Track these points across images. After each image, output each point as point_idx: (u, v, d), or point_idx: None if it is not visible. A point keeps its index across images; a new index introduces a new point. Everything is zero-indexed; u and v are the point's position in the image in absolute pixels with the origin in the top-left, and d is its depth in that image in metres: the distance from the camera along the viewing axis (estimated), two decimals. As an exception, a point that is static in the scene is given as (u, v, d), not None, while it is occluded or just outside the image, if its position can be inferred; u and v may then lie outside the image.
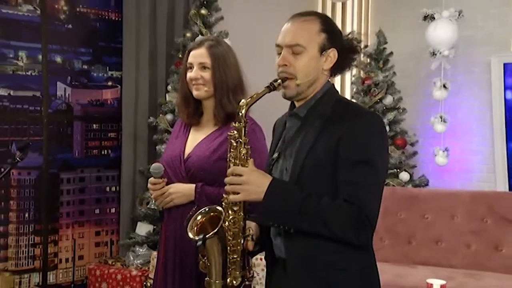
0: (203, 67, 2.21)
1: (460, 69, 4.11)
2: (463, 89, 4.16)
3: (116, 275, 3.85)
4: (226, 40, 3.47)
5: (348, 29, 4.96)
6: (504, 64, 3.80)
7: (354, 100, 4.30)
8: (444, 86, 3.94)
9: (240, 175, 1.58)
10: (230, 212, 1.67)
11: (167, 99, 4.06)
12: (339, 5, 4.99)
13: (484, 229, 3.51)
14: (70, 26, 4.05)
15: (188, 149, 2.25)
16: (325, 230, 1.52)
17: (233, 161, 1.64)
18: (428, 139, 4.25)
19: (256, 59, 4.25)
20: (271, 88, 1.63)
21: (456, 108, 4.15)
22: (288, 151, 1.68)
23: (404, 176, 4.08)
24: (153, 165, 2.25)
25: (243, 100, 1.65)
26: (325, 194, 1.54)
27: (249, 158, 1.64)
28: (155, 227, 3.92)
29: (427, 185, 4.12)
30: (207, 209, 1.75)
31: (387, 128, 4.06)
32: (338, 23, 5.00)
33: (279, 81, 1.64)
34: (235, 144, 1.65)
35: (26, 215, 3.89)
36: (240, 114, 1.64)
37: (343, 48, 1.68)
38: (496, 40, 3.98)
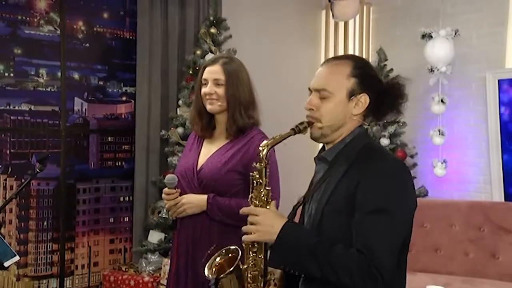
0: (217, 83, 2.22)
1: (456, 84, 4.10)
2: (460, 104, 4.15)
3: (129, 281, 3.84)
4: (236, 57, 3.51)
5: (350, 47, 4.97)
6: (499, 80, 3.80)
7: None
8: (442, 101, 3.94)
9: (256, 215, 1.53)
10: (250, 253, 1.61)
11: (178, 113, 4.07)
12: (341, 24, 4.99)
13: (481, 237, 3.49)
14: (87, 44, 4.10)
15: (201, 161, 2.26)
16: (334, 277, 1.42)
17: (254, 202, 1.58)
18: (427, 151, 4.23)
19: (263, 76, 4.28)
20: (296, 131, 1.57)
21: (454, 122, 4.14)
22: (314, 196, 1.60)
23: (404, 187, 4.06)
24: (167, 176, 2.27)
25: (264, 142, 1.58)
26: (344, 241, 1.45)
27: (270, 200, 1.58)
28: (166, 235, 3.92)
29: (426, 195, 4.11)
30: (225, 251, 1.69)
31: (387, 141, 4.03)
32: (341, 41, 5.01)
33: (304, 124, 1.58)
34: (256, 184, 1.57)
35: (45, 223, 3.90)
36: (261, 155, 1.56)
37: (380, 93, 1.57)
38: (491, 57, 3.98)
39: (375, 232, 1.42)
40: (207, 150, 2.29)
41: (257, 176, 1.58)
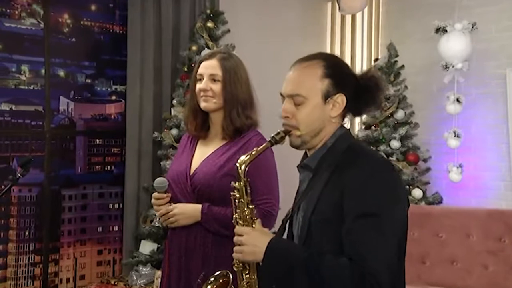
0: (213, 79, 2.21)
1: (473, 82, 4.08)
2: (478, 103, 4.12)
3: (118, 296, 3.83)
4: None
5: (358, 43, 4.97)
6: (520, 77, 3.78)
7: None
8: (457, 100, 3.90)
9: (240, 235, 1.56)
10: (243, 276, 1.63)
11: (172, 113, 4.07)
12: (348, 18, 4.98)
13: (501, 249, 3.45)
14: (73, 39, 4.11)
15: (195, 165, 2.24)
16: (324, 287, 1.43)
17: (239, 222, 1.61)
18: (441, 155, 4.20)
19: (263, 74, 4.25)
20: (273, 142, 1.59)
21: (470, 123, 4.11)
22: (302, 206, 1.61)
23: (417, 193, 4.04)
24: (157, 179, 2.25)
25: (242, 158, 1.61)
26: (335, 251, 1.47)
27: (255, 218, 1.60)
28: (159, 245, 3.91)
29: (440, 202, 4.08)
30: (214, 278, 1.71)
31: (398, 143, 4.04)
32: (348, 36, 5.01)
33: (281, 134, 1.59)
34: (238, 204, 1.60)
35: (26, 233, 3.89)
36: (239, 172, 1.58)
37: (357, 90, 1.59)
38: (511, 53, 3.96)
39: (365, 238, 1.43)
40: (201, 153, 2.27)
41: (238, 195, 1.60)
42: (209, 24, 4.09)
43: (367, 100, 1.61)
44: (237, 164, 1.60)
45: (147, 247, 3.93)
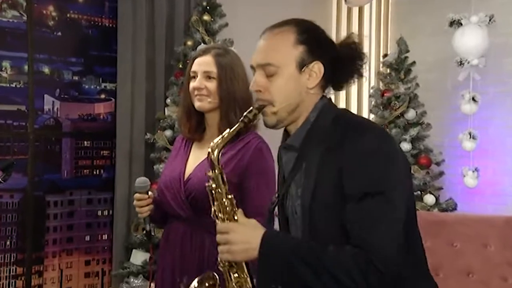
0: (208, 76, 2.22)
1: (491, 80, 4.05)
2: (495, 102, 4.10)
3: (108, 310, 3.83)
4: (231, 49, 3.48)
5: (366, 37, 4.99)
6: (542, 75, 3.77)
7: (370, 114, 4.26)
8: (473, 99, 3.86)
9: (226, 233, 1.50)
10: (232, 276, 1.57)
11: (166, 113, 4.06)
12: (355, 10, 4.98)
13: (521, 259, 3.43)
14: (59, 33, 4.10)
15: (189, 169, 2.25)
16: (336, 285, 1.41)
17: (219, 216, 1.55)
18: (455, 158, 4.18)
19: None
20: (246, 121, 1.55)
21: (487, 124, 4.09)
22: (293, 191, 1.57)
23: (429, 199, 4.03)
24: (138, 178, 2.27)
25: (212, 143, 1.57)
26: (339, 238, 1.44)
27: (236, 209, 1.55)
28: (152, 255, 3.89)
29: (455, 209, 4.07)
30: (199, 281, 1.69)
31: (409, 145, 4.03)
32: (355, 30, 4.99)
33: (254, 111, 1.54)
34: (215, 195, 1.56)
35: (8, 242, 3.88)
36: (212, 159, 1.55)
37: (336, 57, 1.55)
38: (532, 48, 3.95)
39: (368, 221, 1.41)
40: (196, 156, 2.28)
41: (214, 185, 1.55)
42: (206, 17, 4.08)
43: (348, 69, 1.58)
44: (209, 149, 1.55)
45: (138, 257, 3.91)
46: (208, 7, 4.11)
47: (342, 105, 5.12)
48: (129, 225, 4.09)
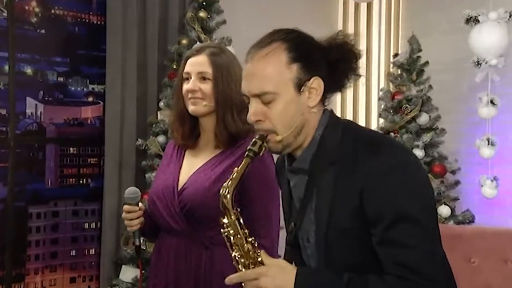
0: (202, 77, 2.22)
1: (511, 81, 4.05)
2: (515, 106, 4.11)
3: (95, 331, 3.82)
4: (229, 48, 3.47)
5: (375, 35, 4.99)
6: None
7: (379, 119, 4.24)
8: (491, 102, 3.86)
9: (256, 279, 1.47)
10: None
11: (159, 118, 4.06)
12: (363, 6, 4.99)
13: (545, 276, 3.41)
14: (43, 31, 4.10)
15: (183, 179, 2.25)
16: None
17: (242, 262, 1.53)
18: (472, 166, 4.17)
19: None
20: (251, 156, 1.53)
21: (507, 129, 4.08)
22: (306, 217, 1.57)
23: (444, 210, 4.02)
24: (128, 189, 2.27)
25: (224, 186, 1.54)
26: (361, 264, 1.45)
27: (258, 252, 1.53)
28: (143, 271, 3.87)
29: (472, 221, 4.05)
30: None
31: (422, 152, 4.02)
32: (363, 28, 5.01)
33: (259, 143, 1.53)
34: (234, 241, 1.54)
35: None
36: (226, 205, 1.52)
37: (331, 65, 1.54)
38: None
39: (409, 247, 1.40)
40: (190, 164, 2.29)
41: (231, 231, 1.54)
42: (202, 14, 4.07)
43: (345, 72, 1.57)
44: (221, 195, 1.53)
45: (128, 273, 3.90)
46: (204, 3, 4.10)
47: (349, 109, 5.13)
48: (118, 238, 4.08)
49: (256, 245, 1.54)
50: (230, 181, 1.53)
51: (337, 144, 1.53)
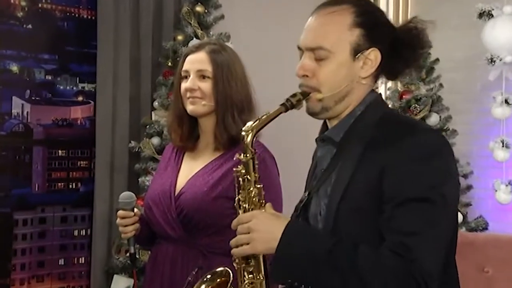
0: (202, 75, 2.24)
1: (527, 79, 4.07)
2: (531, 106, 4.10)
3: None
4: (228, 45, 3.50)
5: None
6: None
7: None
8: (506, 102, 3.89)
9: (248, 221, 1.53)
10: (246, 275, 1.61)
11: (153, 118, 4.06)
12: None
13: None
14: (29, 26, 4.07)
15: (181, 183, 2.29)
16: (356, 283, 1.41)
17: (243, 206, 1.60)
18: (486, 170, 4.19)
19: (264, 69, 4.21)
20: (288, 106, 1.57)
21: (523, 130, 4.10)
22: (322, 190, 1.61)
23: (456, 217, 4.01)
24: (122, 194, 2.29)
25: (248, 124, 1.59)
26: (368, 245, 1.46)
27: (263, 201, 1.59)
28: (137, 281, 3.88)
29: (486, 228, 4.06)
30: (211, 275, 1.75)
31: None
32: None
33: (298, 96, 1.58)
34: (242, 183, 1.59)
35: None
36: (245, 142, 1.57)
37: (394, 44, 1.58)
38: None
39: (414, 227, 1.41)
40: (189, 168, 2.33)
41: (243, 171, 1.59)
42: (199, 9, 4.07)
43: (407, 58, 1.61)
44: (243, 133, 1.57)
45: (121, 283, 3.89)
46: (201, -3, 4.12)
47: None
48: (110, 246, 4.07)
49: (263, 194, 1.59)
50: (257, 122, 1.56)
51: (373, 124, 1.57)
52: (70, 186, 4.24)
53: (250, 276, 1.60)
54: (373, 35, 1.57)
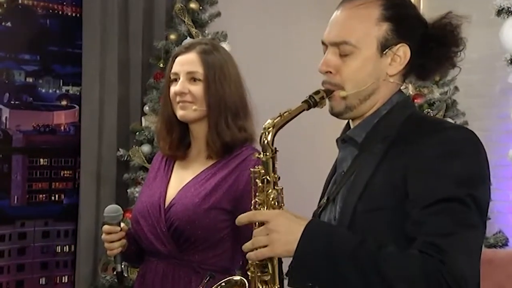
0: (192, 78, 2.25)
1: (549, 82, 4.06)
2: (555, 111, 4.10)
3: None
4: (224, 45, 3.49)
5: None
6: None
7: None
8: (527, 107, 3.89)
9: (267, 221, 1.50)
10: (259, 284, 1.60)
11: (143, 124, 4.07)
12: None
13: None
14: (8, 24, 4.07)
15: (171, 194, 2.28)
16: (380, 285, 1.41)
17: (260, 209, 1.59)
18: (505, 181, 4.21)
19: (262, 70, 4.22)
20: (310, 103, 1.58)
21: (545, 137, 4.10)
22: (340, 194, 1.62)
23: (473, 232, 4.01)
24: (108, 207, 2.28)
25: (269, 121, 1.58)
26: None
27: (282, 204, 1.58)
28: (124, 301, 3.89)
29: (506, 245, 4.07)
30: (225, 283, 1.77)
31: None
32: None
33: (321, 93, 1.59)
34: (261, 184, 1.59)
35: None
36: (266, 141, 1.57)
37: (425, 40, 1.59)
38: None
39: (445, 228, 1.41)
40: (180, 178, 2.33)
41: (262, 171, 1.59)
42: (193, 5, 4.08)
43: (439, 56, 1.62)
44: (263, 130, 1.57)
45: (107, 304, 3.89)
46: (195, -7, 4.13)
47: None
48: (96, 264, 4.07)
49: (283, 198, 1.58)
50: (279, 118, 1.56)
51: (399, 124, 1.58)
52: (53, 198, 4.23)
53: (265, 286, 1.60)
54: (403, 30, 1.58)
